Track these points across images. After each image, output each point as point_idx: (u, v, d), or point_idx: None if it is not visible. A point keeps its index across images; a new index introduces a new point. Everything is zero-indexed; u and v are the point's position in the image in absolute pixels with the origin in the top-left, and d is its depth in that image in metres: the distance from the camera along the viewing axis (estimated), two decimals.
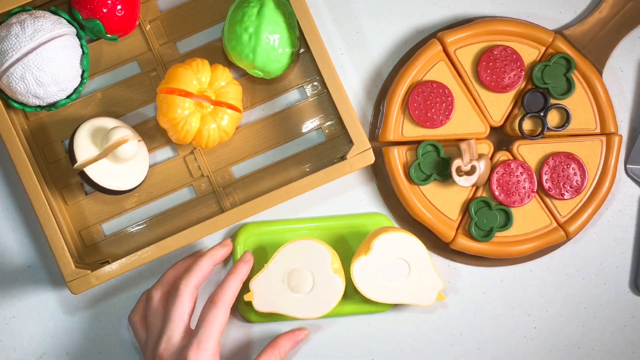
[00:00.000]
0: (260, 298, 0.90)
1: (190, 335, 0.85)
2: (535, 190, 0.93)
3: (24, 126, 0.94)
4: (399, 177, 0.93)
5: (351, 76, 0.96)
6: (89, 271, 0.88)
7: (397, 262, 0.90)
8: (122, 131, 0.87)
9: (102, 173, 0.88)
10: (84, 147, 0.88)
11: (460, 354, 0.96)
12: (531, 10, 0.97)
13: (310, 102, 0.95)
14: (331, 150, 0.95)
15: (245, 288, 0.93)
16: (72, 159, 0.88)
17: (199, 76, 0.88)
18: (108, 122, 0.90)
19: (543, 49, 0.94)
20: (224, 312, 0.86)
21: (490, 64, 0.93)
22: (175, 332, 0.86)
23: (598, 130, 0.94)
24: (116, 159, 0.88)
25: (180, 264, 0.91)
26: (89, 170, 0.88)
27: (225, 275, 0.89)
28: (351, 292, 0.94)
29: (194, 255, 0.93)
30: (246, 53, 0.89)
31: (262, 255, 0.94)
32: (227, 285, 0.87)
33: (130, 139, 0.88)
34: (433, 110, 0.93)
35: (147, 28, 0.95)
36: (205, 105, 0.89)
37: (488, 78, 0.93)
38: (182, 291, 0.87)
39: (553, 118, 0.94)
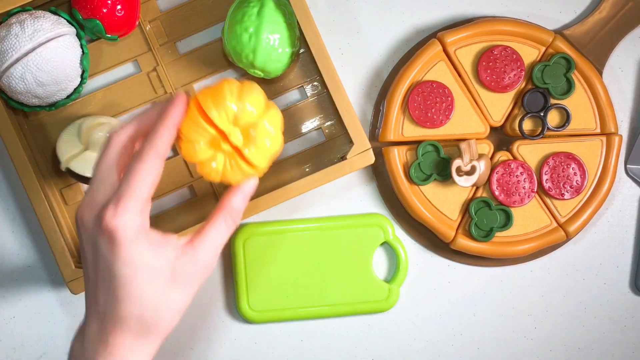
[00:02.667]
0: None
1: (113, 192, 0.70)
2: (535, 190, 0.93)
3: (24, 126, 0.94)
4: (399, 177, 0.93)
5: (351, 76, 0.96)
6: None
7: None
8: (93, 119, 0.87)
9: (88, 166, 0.88)
10: (65, 147, 0.88)
11: (460, 354, 0.96)
12: (531, 10, 0.97)
13: (310, 102, 0.95)
14: (331, 150, 0.95)
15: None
16: (58, 163, 0.89)
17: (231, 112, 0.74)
18: (87, 120, 0.91)
19: (543, 49, 0.94)
20: (151, 164, 0.69)
21: (490, 64, 0.93)
22: (96, 187, 0.71)
23: (598, 130, 0.94)
24: (96, 147, 0.88)
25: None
26: (74, 166, 0.88)
27: (156, 123, 0.72)
28: (352, 292, 0.94)
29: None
30: (246, 53, 0.89)
31: (261, 256, 0.94)
32: (156, 133, 0.70)
33: (104, 124, 0.87)
34: (433, 110, 0.93)
35: (147, 28, 0.95)
36: (225, 148, 0.75)
37: (488, 78, 0.93)
38: (111, 141, 0.72)
39: (553, 118, 0.94)
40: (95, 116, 0.87)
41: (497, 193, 0.93)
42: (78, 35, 0.90)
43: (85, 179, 0.88)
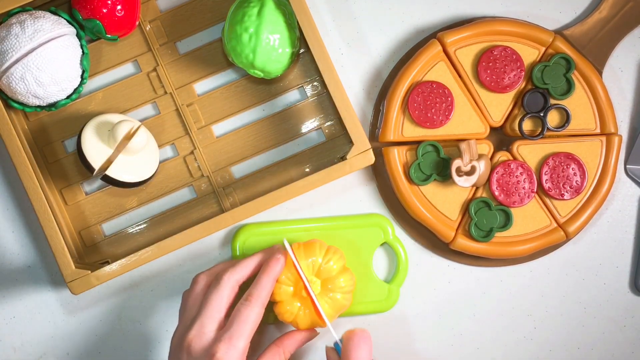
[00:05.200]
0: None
1: (223, 330, 0.83)
2: (535, 190, 0.93)
3: (24, 126, 0.94)
4: (399, 177, 0.93)
5: (351, 76, 0.96)
6: (89, 271, 0.88)
7: None
8: (128, 124, 0.88)
9: (120, 169, 0.89)
10: (94, 149, 0.88)
11: (460, 354, 0.96)
12: (531, 11, 0.97)
13: (310, 102, 0.95)
14: (331, 150, 0.95)
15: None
16: (88, 167, 0.88)
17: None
18: (109, 117, 0.90)
19: (543, 49, 0.94)
20: (257, 311, 0.84)
21: (490, 64, 0.93)
22: (208, 321, 0.84)
23: (598, 131, 0.94)
24: (130, 152, 0.88)
25: (234, 261, 0.89)
26: (110, 172, 0.88)
27: (259, 274, 0.86)
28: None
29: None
30: (246, 53, 0.89)
31: None
32: (261, 284, 0.85)
33: (138, 128, 0.88)
34: (433, 111, 0.93)
35: (147, 28, 0.95)
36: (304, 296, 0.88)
37: (488, 78, 0.93)
38: (224, 282, 0.85)
39: (553, 118, 0.94)
40: (126, 121, 0.88)
41: (497, 193, 0.93)
42: (78, 36, 0.90)
43: (118, 183, 0.89)
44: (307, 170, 0.95)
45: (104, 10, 0.90)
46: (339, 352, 0.87)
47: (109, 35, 0.91)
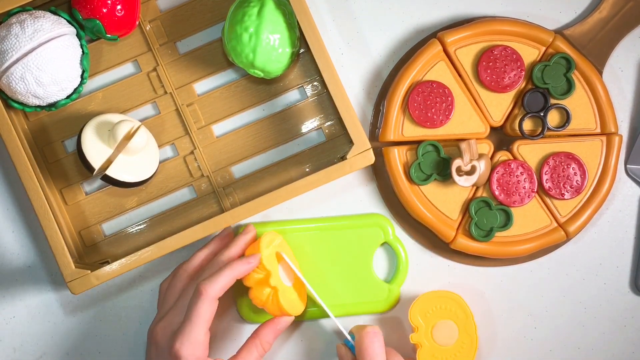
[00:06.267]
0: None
1: (182, 322, 0.85)
2: (535, 190, 0.93)
3: (24, 126, 0.94)
4: (399, 177, 0.93)
5: (351, 76, 0.96)
6: (89, 271, 0.88)
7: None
8: (128, 124, 0.88)
9: (120, 169, 0.89)
10: (94, 149, 0.88)
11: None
12: (531, 10, 0.97)
13: (310, 102, 0.95)
14: (331, 150, 0.95)
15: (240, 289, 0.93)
16: (88, 167, 0.88)
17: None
18: (109, 117, 0.90)
19: (543, 49, 0.94)
20: (210, 305, 0.84)
21: (491, 64, 0.93)
22: (177, 312, 0.86)
23: (598, 130, 0.94)
24: (130, 152, 0.88)
25: (213, 245, 0.91)
26: (110, 172, 0.88)
27: (223, 266, 0.86)
28: (352, 292, 0.94)
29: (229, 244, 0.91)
30: (246, 53, 0.89)
31: None
32: (219, 278, 0.85)
33: (138, 128, 0.88)
34: (433, 110, 0.93)
35: (147, 28, 0.95)
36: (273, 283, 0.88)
37: (488, 78, 0.93)
38: (178, 273, 0.89)
39: (553, 118, 0.94)
40: (126, 121, 0.88)
41: (497, 193, 0.93)
42: (78, 35, 0.90)
43: (118, 182, 0.88)
44: (307, 170, 0.95)
45: (104, 10, 0.90)
46: (351, 349, 0.89)
47: (109, 35, 0.91)
